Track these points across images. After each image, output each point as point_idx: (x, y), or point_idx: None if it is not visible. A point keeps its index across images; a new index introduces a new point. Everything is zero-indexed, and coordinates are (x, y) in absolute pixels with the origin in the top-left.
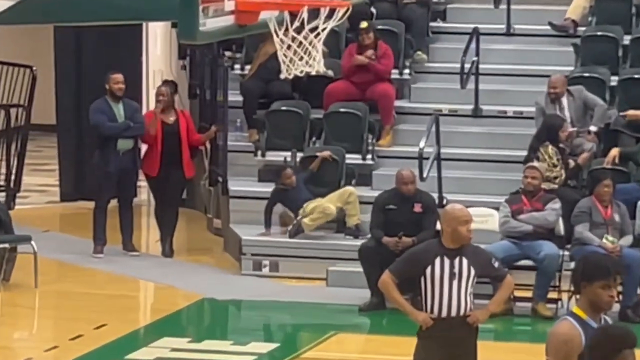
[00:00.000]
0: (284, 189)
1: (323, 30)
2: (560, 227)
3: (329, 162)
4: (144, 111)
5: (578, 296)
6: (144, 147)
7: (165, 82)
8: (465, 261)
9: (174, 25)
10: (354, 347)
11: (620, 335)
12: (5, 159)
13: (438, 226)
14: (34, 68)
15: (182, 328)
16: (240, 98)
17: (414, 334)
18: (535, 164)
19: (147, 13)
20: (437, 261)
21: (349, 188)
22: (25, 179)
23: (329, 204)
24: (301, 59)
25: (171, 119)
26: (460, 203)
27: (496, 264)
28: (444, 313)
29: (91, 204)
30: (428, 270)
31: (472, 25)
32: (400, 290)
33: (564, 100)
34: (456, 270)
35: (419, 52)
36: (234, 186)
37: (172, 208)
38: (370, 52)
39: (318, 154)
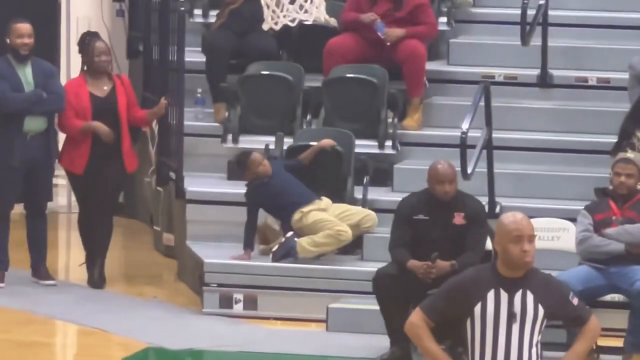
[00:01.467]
0: (259, 183)
1: None
2: None
3: (329, 153)
4: (64, 77)
5: None
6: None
7: (89, 35)
8: (530, 297)
9: None
10: None
11: None
12: None
13: (489, 245)
14: None
15: None
16: (202, 58)
17: None
18: (630, 154)
19: None
20: (491, 296)
21: (369, 213)
22: None
23: (343, 225)
24: (293, 2)
25: (104, 88)
26: (520, 211)
27: (575, 301)
28: None
29: None
30: (477, 308)
31: None
32: (436, 337)
33: None
34: (517, 309)
35: None
36: (193, 186)
37: (104, 217)
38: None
39: (313, 143)
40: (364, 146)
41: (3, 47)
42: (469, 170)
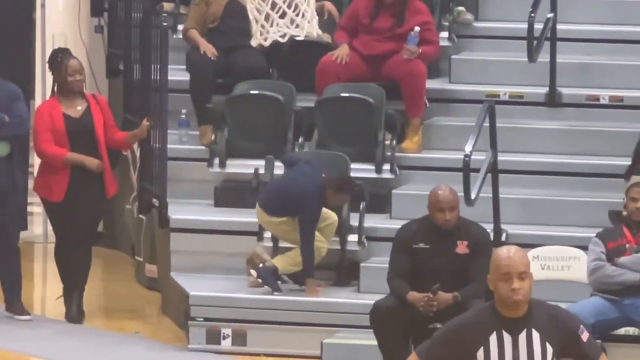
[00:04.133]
0: None
1: None
2: None
3: None
4: (39, 98)
5: None
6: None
7: (61, 52)
8: (536, 336)
9: None
10: None
11: None
12: None
13: None
14: None
15: None
16: (186, 77)
17: None
18: None
19: None
20: (493, 340)
21: (329, 213)
22: None
23: (320, 238)
24: (283, 16)
25: (78, 109)
26: (527, 238)
27: (585, 336)
28: None
29: None
30: (480, 354)
31: None
32: None
33: None
34: (523, 351)
35: (461, 8)
36: (178, 214)
37: (83, 247)
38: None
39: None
40: (360, 170)
41: None
42: (473, 196)
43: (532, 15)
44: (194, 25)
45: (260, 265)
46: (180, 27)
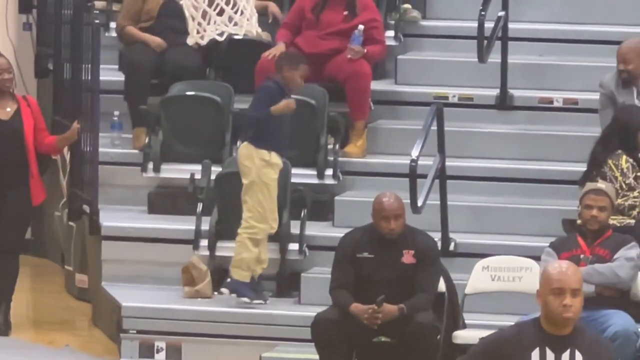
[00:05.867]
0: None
1: None
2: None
3: None
4: None
5: None
6: None
7: None
8: (579, 357)
9: None
10: None
11: None
12: None
13: (442, 286)
14: None
15: None
16: (120, 77)
17: None
18: (601, 185)
19: None
20: (535, 356)
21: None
22: None
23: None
24: (221, 13)
25: (8, 110)
26: (476, 248)
27: None
28: None
29: None
30: None
31: None
32: None
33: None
34: None
35: (408, 5)
36: (109, 221)
37: (9, 256)
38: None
39: None
40: (302, 176)
41: None
42: (420, 203)
43: (483, 13)
44: (130, 22)
45: (228, 280)
46: (112, 24)
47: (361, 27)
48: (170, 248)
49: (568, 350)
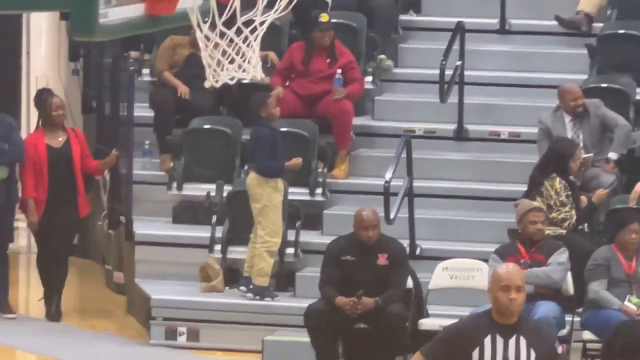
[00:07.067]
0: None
1: (261, 24)
2: (569, 285)
3: None
4: (24, 130)
5: None
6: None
7: (45, 91)
8: (523, 342)
9: (63, 17)
10: None
11: None
12: None
13: (409, 283)
14: None
15: None
16: (150, 113)
17: None
18: (537, 203)
19: (29, 1)
20: (487, 341)
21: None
22: None
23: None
24: (232, 61)
25: (59, 140)
26: (438, 252)
27: (559, 350)
28: None
29: None
30: (475, 353)
31: (455, 19)
32: None
33: (575, 119)
34: (511, 353)
35: (383, 56)
36: (141, 229)
37: (60, 257)
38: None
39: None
40: (296, 194)
41: None
42: (392, 216)
43: (443, 62)
44: (167, 68)
45: (251, 286)
46: (144, 71)
47: (339, 71)
48: (190, 251)
49: (514, 336)
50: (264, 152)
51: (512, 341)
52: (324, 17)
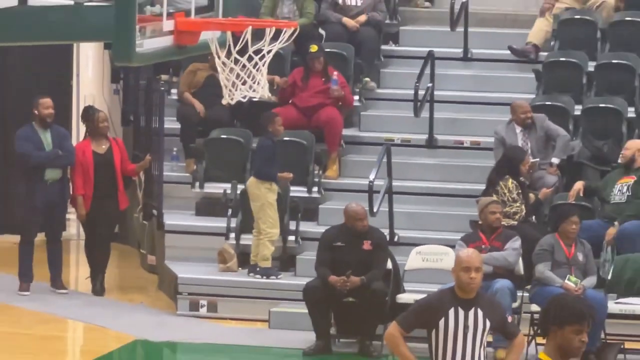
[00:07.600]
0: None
1: (268, 52)
2: (520, 266)
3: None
4: (75, 139)
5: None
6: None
7: (91, 108)
8: (480, 313)
9: (107, 47)
10: None
11: None
12: None
13: (388, 265)
14: None
15: None
16: (177, 125)
17: None
18: (494, 198)
19: (79, 33)
20: (451, 312)
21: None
22: None
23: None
24: (244, 83)
25: (103, 147)
26: (412, 239)
27: (509, 319)
28: None
29: (17, 238)
30: (441, 322)
31: (427, 49)
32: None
33: (525, 130)
34: (470, 322)
35: (367, 79)
36: (170, 220)
37: (104, 243)
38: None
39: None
40: (297, 191)
41: (29, 116)
42: (375, 210)
43: (417, 84)
44: (187, 89)
45: (257, 269)
46: (173, 90)
47: (335, 73)
48: (209, 238)
49: (473, 308)
50: (262, 160)
51: (471, 312)
52: (313, 48)
